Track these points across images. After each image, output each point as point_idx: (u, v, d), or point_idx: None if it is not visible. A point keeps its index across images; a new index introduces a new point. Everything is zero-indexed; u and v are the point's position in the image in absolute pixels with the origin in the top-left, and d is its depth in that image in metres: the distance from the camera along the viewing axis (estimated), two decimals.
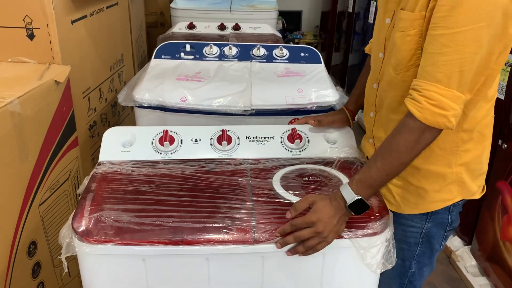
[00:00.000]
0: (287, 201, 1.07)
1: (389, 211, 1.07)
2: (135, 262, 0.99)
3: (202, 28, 2.47)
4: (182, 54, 1.79)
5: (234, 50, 1.82)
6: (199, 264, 1.01)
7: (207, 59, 1.79)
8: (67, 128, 1.51)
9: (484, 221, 2.09)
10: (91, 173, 1.18)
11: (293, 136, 1.30)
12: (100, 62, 1.93)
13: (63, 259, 1.00)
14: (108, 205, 1.04)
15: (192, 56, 1.79)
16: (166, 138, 1.25)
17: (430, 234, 1.19)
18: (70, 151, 1.54)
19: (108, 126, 1.98)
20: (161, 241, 0.96)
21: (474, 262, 2.17)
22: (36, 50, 1.49)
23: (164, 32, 2.54)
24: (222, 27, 2.48)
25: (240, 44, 1.87)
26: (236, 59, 1.80)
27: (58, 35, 1.48)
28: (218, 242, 0.97)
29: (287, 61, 1.81)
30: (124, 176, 1.15)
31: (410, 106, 0.95)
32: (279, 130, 1.32)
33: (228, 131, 1.30)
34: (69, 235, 0.99)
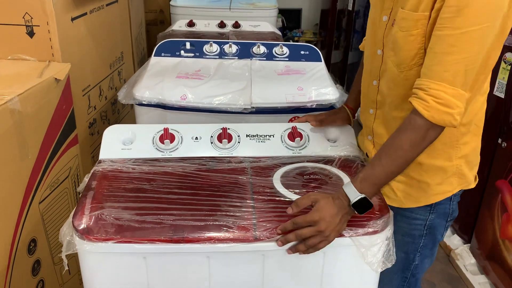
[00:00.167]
0: (287, 199, 1.07)
1: (389, 209, 1.08)
2: (135, 260, 0.99)
3: (201, 26, 2.47)
4: (182, 52, 1.79)
5: (234, 48, 1.82)
6: (199, 262, 1.01)
7: (207, 57, 1.79)
8: (67, 126, 1.51)
9: (483, 219, 2.10)
10: (91, 171, 1.17)
11: (293, 134, 1.30)
12: (100, 60, 1.93)
13: (64, 257, 1.00)
14: (109, 203, 1.04)
15: (192, 54, 1.79)
16: (167, 136, 1.25)
17: (433, 225, 1.20)
18: (70, 149, 1.54)
19: (108, 124, 1.98)
20: (161, 239, 0.96)
21: (473, 260, 2.18)
22: (36, 48, 1.49)
23: (163, 30, 2.54)
24: (222, 25, 2.47)
25: (240, 42, 1.87)
26: (236, 57, 1.79)
27: (58, 32, 1.48)
28: (219, 240, 0.97)
29: (287, 59, 1.81)
30: (125, 174, 1.15)
31: (417, 105, 0.96)
32: (280, 128, 1.32)
33: (229, 129, 1.30)
34: (69, 233, 0.99)
